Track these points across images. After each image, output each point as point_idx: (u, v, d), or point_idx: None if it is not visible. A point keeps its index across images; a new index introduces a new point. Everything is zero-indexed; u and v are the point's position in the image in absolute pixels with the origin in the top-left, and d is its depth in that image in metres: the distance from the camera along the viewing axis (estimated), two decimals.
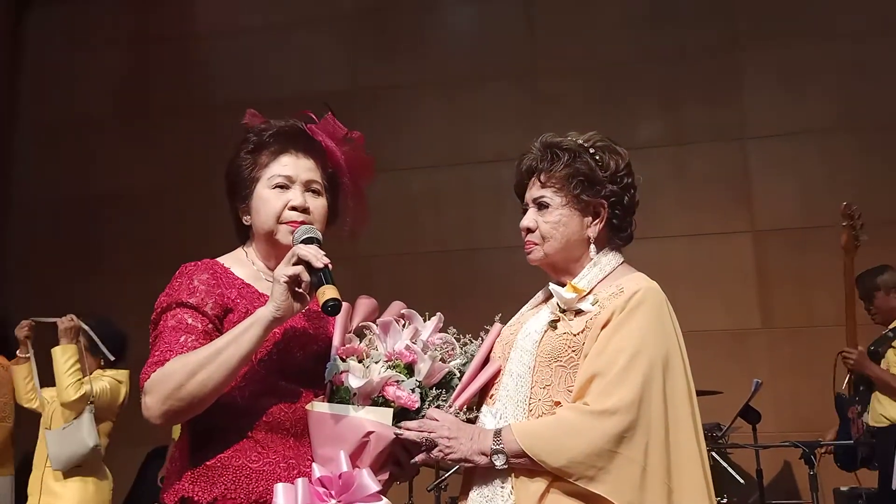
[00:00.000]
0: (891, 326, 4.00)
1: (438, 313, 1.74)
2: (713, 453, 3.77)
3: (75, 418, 3.62)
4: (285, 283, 1.55)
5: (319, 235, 1.68)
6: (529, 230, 1.75)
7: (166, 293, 1.68)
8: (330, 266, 1.57)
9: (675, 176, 5.27)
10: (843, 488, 4.20)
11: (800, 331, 4.86)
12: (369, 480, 1.56)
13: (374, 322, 1.72)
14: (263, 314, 1.56)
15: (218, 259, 1.76)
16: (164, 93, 6.07)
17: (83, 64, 6.26)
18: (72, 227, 5.98)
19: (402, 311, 1.74)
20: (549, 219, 1.72)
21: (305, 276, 1.56)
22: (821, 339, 4.63)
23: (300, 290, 1.57)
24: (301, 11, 5.96)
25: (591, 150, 1.73)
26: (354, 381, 1.58)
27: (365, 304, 1.77)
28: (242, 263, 1.76)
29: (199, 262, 1.73)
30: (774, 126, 5.16)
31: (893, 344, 3.91)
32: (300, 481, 1.56)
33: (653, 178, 5.02)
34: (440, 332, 1.73)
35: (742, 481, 3.77)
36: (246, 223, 1.77)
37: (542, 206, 1.73)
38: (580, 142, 1.75)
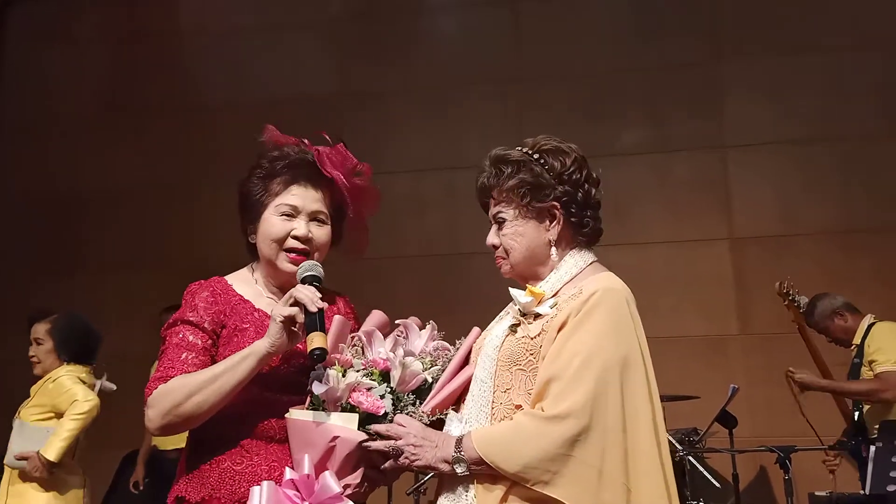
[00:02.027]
0: (853, 344, 4.10)
1: (431, 322, 1.79)
2: (690, 458, 3.81)
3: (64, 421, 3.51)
4: (281, 322, 1.67)
5: (321, 272, 1.78)
6: (494, 247, 1.78)
7: (178, 311, 1.82)
8: (325, 308, 1.68)
9: (656, 183, 5.33)
10: (819, 493, 4.25)
11: (777, 337, 4.92)
12: (331, 481, 1.62)
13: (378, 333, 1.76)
14: (258, 348, 1.68)
15: (226, 276, 1.89)
16: (149, 91, 6.04)
17: (66, 62, 6.22)
18: (53, 224, 5.94)
19: (399, 322, 1.80)
20: (507, 232, 1.74)
21: (300, 318, 1.67)
22: (797, 345, 4.69)
23: (294, 329, 1.68)
24: (290, 14, 5.95)
25: (536, 156, 1.74)
26: (317, 388, 1.65)
27: (375, 317, 1.81)
28: (246, 281, 1.88)
29: (204, 281, 1.85)
30: (754, 136, 5.23)
31: (864, 365, 4.00)
32: (265, 483, 1.63)
33: (634, 185, 5.18)
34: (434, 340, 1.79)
35: (718, 485, 3.82)
36: (251, 241, 1.87)
37: (499, 222, 1.76)
38: (525, 150, 1.76)
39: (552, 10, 5.64)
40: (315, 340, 1.63)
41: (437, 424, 1.68)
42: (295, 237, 1.80)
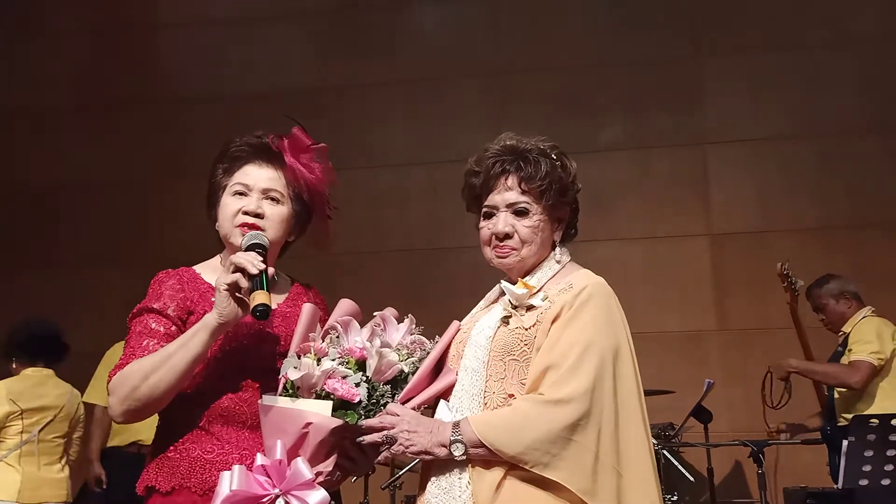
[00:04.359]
0: (842, 331, 4.11)
1: (410, 315, 1.79)
2: (665, 452, 3.84)
3: None
4: (225, 290, 1.67)
5: (265, 240, 1.76)
6: (507, 236, 1.76)
7: (144, 300, 1.81)
8: (270, 271, 1.69)
9: (635, 179, 5.35)
10: (792, 487, 4.30)
11: (753, 333, 4.97)
12: (303, 468, 1.61)
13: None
14: (208, 321, 1.68)
15: (195, 266, 1.88)
16: (127, 83, 5.98)
17: (42, 52, 6.13)
18: (27, 219, 5.87)
19: (376, 314, 1.79)
20: (529, 224, 1.75)
21: (244, 283, 1.67)
22: (774, 341, 4.74)
23: (240, 296, 1.67)
24: (269, 5, 5.91)
25: (556, 158, 1.78)
26: (293, 374, 1.65)
27: (345, 305, 1.80)
28: (214, 269, 1.86)
29: (172, 270, 1.85)
30: (734, 132, 5.26)
31: (845, 354, 4.01)
32: (236, 467, 1.62)
33: (614, 181, 5.20)
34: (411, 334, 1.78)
35: (692, 480, 3.85)
36: (217, 230, 1.87)
37: (521, 212, 1.76)
38: (544, 148, 1.79)
39: (532, 4, 5.64)
40: (257, 298, 1.64)
41: None
42: (245, 212, 1.80)
